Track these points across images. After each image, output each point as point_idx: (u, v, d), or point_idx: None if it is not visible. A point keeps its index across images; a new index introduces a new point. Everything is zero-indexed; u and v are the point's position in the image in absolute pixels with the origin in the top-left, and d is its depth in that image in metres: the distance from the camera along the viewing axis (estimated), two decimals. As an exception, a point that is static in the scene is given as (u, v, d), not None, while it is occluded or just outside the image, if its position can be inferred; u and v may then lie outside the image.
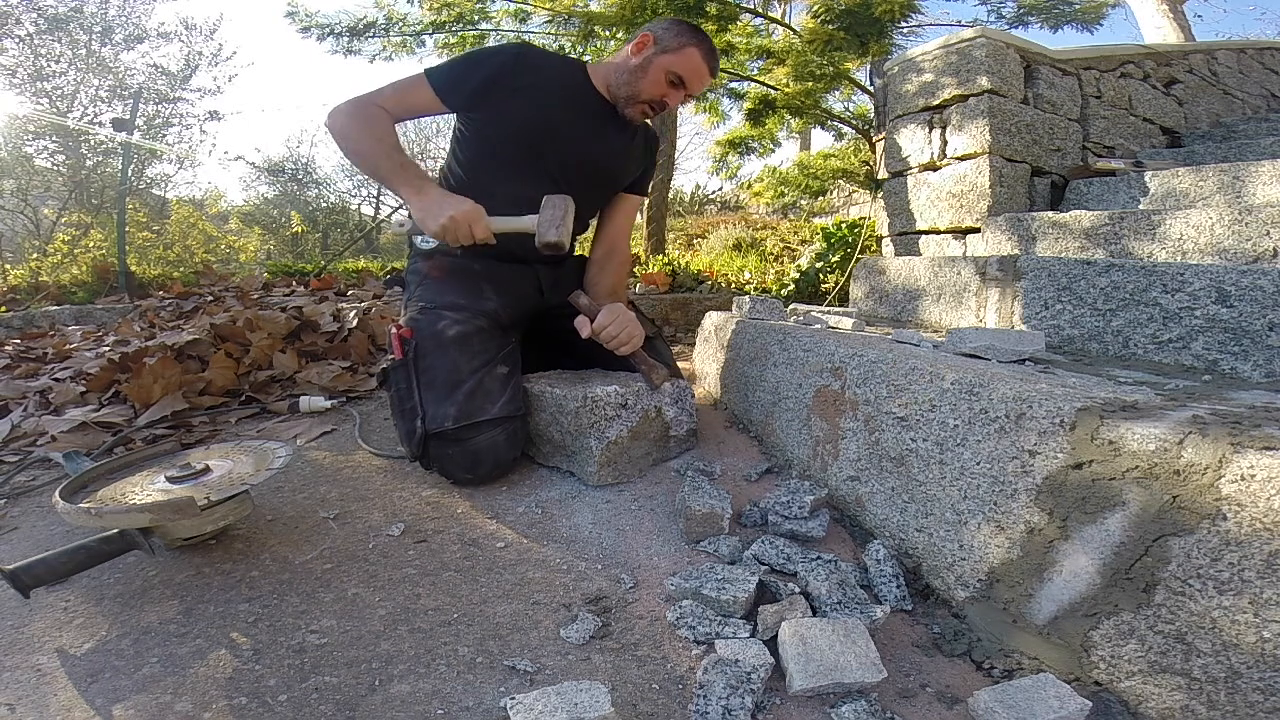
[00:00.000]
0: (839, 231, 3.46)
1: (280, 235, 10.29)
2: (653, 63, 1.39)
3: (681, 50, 1.39)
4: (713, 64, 1.43)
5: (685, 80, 1.41)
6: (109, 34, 7.69)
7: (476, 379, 1.28)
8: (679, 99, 1.45)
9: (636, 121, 1.48)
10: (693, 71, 1.40)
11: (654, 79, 1.40)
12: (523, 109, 1.38)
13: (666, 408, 1.33)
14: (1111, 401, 0.79)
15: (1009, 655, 0.80)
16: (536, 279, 1.50)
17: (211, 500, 0.95)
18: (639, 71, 1.40)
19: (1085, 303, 1.41)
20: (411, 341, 1.32)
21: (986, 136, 2.37)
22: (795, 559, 0.97)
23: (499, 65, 1.38)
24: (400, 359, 1.32)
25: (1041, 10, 3.45)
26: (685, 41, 1.39)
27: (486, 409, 1.25)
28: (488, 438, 1.24)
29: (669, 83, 1.41)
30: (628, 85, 1.41)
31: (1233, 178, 2.03)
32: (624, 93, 1.42)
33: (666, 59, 1.39)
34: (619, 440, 1.25)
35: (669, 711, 0.73)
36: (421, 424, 1.25)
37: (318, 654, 0.81)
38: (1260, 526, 0.60)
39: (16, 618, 0.90)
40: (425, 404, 1.26)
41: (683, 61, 1.39)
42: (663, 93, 1.41)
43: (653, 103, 1.43)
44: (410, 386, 1.29)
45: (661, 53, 1.39)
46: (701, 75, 1.42)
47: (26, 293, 4.11)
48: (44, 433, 1.58)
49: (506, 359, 1.34)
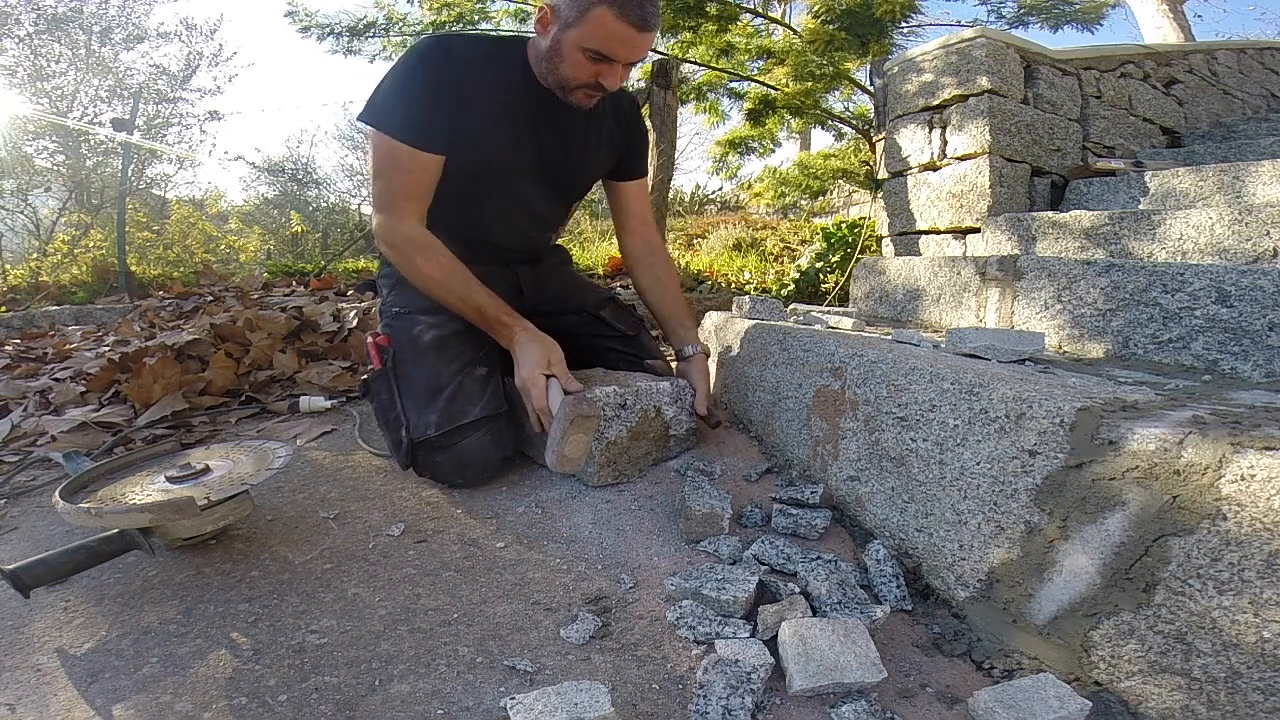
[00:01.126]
0: (839, 231, 3.46)
1: (280, 235, 10.28)
2: (561, 41, 1.14)
3: (584, 16, 1.09)
4: (635, 15, 1.09)
5: (606, 52, 1.12)
6: (109, 34, 7.68)
7: (456, 383, 1.25)
8: (617, 74, 1.17)
9: (585, 107, 1.25)
10: (610, 38, 1.10)
11: (572, 61, 1.15)
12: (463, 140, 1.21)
13: (666, 407, 1.32)
14: (1111, 401, 0.79)
15: (1009, 655, 0.80)
16: (515, 279, 1.47)
17: (211, 500, 0.95)
18: (554, 55, 1.17)
19: (1085, 302, 1.41)
20: (389, 350, 1.31)
21: (986, 136, 2.37)
22: (795, 559, 0.97)
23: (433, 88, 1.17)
24: (380, 369, 1.30)
25: (1041, 10, 3.45)
26: (588, 3, 1.09)
27: (468, 411, 1.23)
28: (473, 441, 1.23)
29: (591, 60, 1.14)
30: (551, 73, 1.20)
31: (1233, 178, 2.03)
32: (551, 81, 1.21)
33: (573, 34, 1.12)
34: (618, 440, 1.25)
35: (669, 711, 0.73)
36: (406, 433, 1.24)
37: (318, 654, 0.81)
38: (1260, 526, 0.60)
39: (16, 618, 0.90)
40: (408, 413, 1.25)
41: (593, 31, 1.10)
42: (588, 73, 1.16)
43: (586, 87, 1.19)
44: (392, 396, 1.28)
45: (566, 27, 1.13)
46: (625, 39, 1.11)
47: (26, 293, 4.11)
48: (44, 433, 1.58)
49: (485, 359, 1.32)
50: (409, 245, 1.23)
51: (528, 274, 1.49)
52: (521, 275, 1.48)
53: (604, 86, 1.19)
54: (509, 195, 1.36)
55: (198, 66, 8.42)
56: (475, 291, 1.22)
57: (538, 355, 1.16)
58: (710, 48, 4.05)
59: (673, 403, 1.34)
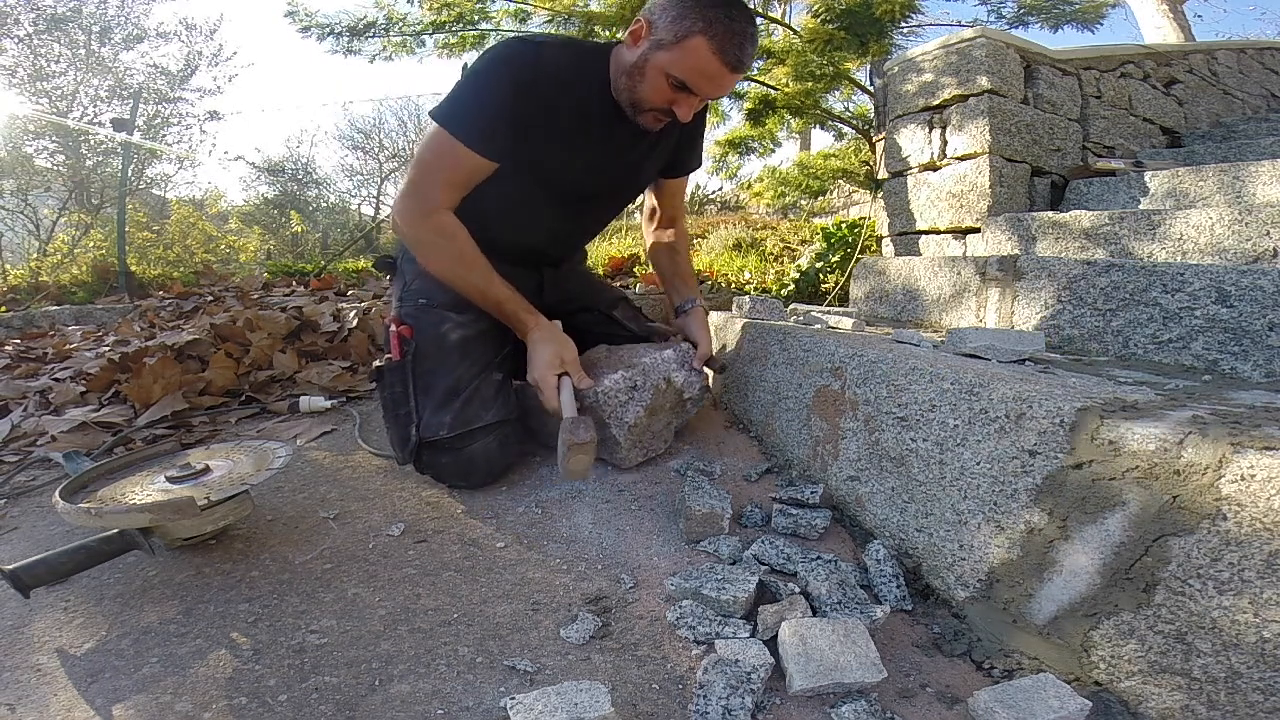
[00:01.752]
0: (839, 231, 3.46)
1: (280, 235, 10.28)
2: (649, 61, 1.09)
3: (680, 43, 1.05)
4: (732, 55, 1.05)
5: (690, 84, 1.08)
6: (108, 34, 7.69)
7: (473, 387, 1.25)
8: (693, 106, 1.13)
9: (652, 129, 1.21)
10: (699, 71, 1.06)
11: (653, 84, 1.10)
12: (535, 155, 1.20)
13: (674, 374, 1.32)
14: (1111, 401, 0.79)
15: (1009, 655, 0.80)
16: (539, 278, 1.48)
17: (211, 500, 0.95)
18: (636, 73, 1.12)
19: (1085, 303, 1.41)
20: (411, 342, 1.27)
21: (986, 136, 2.37)
22: (795, 559, 0.97)
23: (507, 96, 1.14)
24: (398, 360, 1.27)
25: (1041, 10, 3.44)
26: (688, 29, 1.04)
27: (481, 416, 1.23)
28: (481, 445, 1.23)
29: (672, 87, 1.10)
30: (628, 90, 1.15)
31: (1233, 178, 2.03)
32: (625, 99, 1.17)
33: (663, 57, 1.07)
34: (638, 423, 1.26)
35: (669, 711, 0.73)
36: (416, 431, 1.22)
37: (318, 654, 0.81)
38: (1260, 526, 0.60)
39: (16, 618, 0.90)
40: (421, 410, 1.24)
41: (684, 59, 1.06)
42: (668, 100, 1.11)
43: (657, 111, 1.15)
44: (406, 391, 1.26)
45: (657, 48, 1.07)
46: (714, 75, 1.07)
47: (26, 293, 4.11)
48: (44, 433, 1.58)
49: (502, 364, 1.32)
50: (435, 230, 1.19)
51: (551, 274, 1.50)
52: (545, 275, 1.49)
53: (676, 115, 1.15)
54: (570, 209, 1.36)
55: (197, 66, 8.43)
56: (495, 285, 1.22)
57: (550, 354, 1.17)
58: (710, 48, 4.04)
59: (680, 368, 1.33)
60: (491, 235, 1.27)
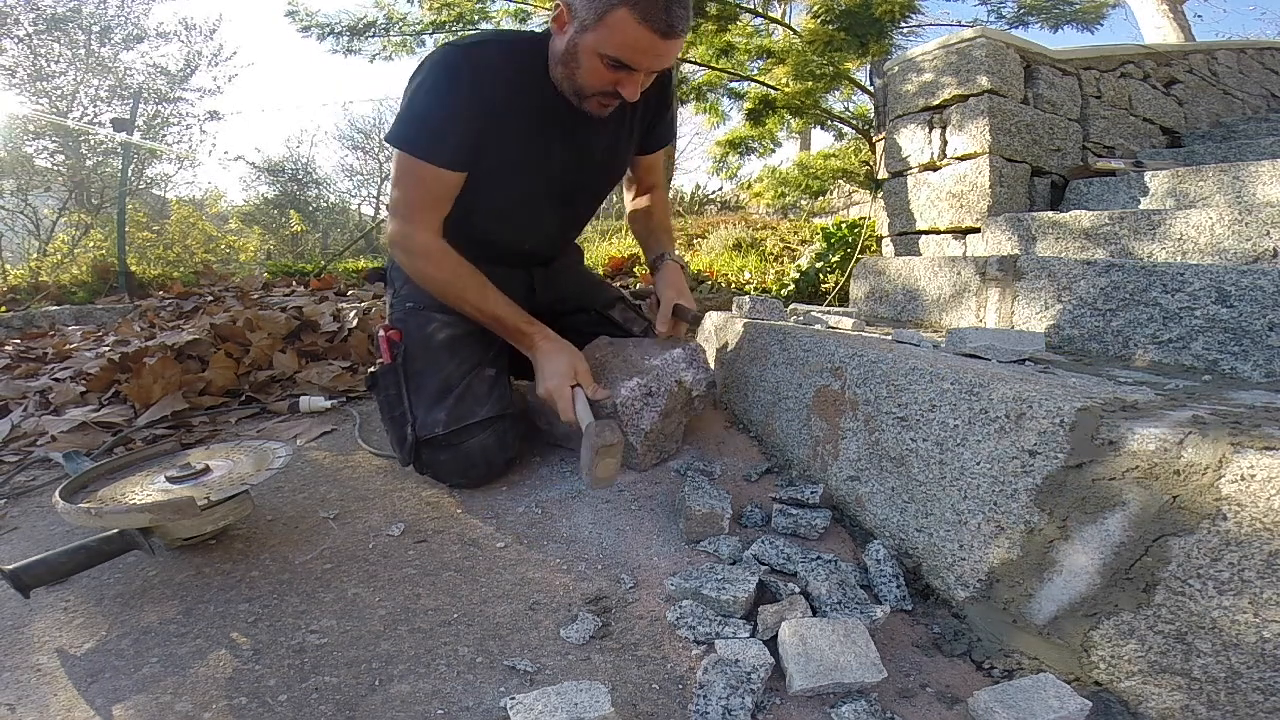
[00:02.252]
0: (839, 231, 3.46)
1: (280, 235, 10.29)
2: (578, 46, 1.06)
3: (603, 20, 1.00)
4: (659, 20, 0.99)
5: (624, 60, 1.03)
6: (108, 34, 7.69)
7: (465, 384, 1.26)
8: (637, 83, 1.08)
9: (599, 115, 1.18)
10: (629, 45, 1.01)
11: (589, 67, 1.06)
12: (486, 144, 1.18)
13: (684, 374, 1.31)
14: (1111, 401, 0.79)
15: (1009, 655, 0.80)
16: (529, 279, 1.48)
17: (211, 500, 0.95)
18: (570, 60, 1.09)
19: (1085, 303, 1.41)
20: (400, 345, 1.30)
21: (986, 136, 2.37)
22: (795, 559, 0.97)
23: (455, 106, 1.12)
24: (389, 363, 1.30)
25: (1041, 10, 3.45)
26: (607, 4, 0.99)
27: (476, 411, 1.23)
28: (478, 441, 1.23)
29: (609, 67, 1.05)
30: (566, 79, 1.12)
31: (1233, 178, 2.03)
32: (567, 88, 1.14)
33: (590, 38, 1.03)
34: (654, 428, 1.27)
35: (669, 711, 0.73)
36: (412, 430, 1.23)
37: (318, 654, 0.81)
38: (1260, 526, 0.60)
39: (16, 618, 0.90)
40: (415, 410, 1.25)
41: (610, 36, 1.01)
42: (608, 80, 1.07)
43: (602, 94, 1.11)
44: (400, 393, 1.27)
45: (582, 30, 1.03)
46: (646, 46, 1.01)
47: (26, 293, 4.11)
48: (44, 433, 1.58)
49: (494, 360, 1.33)
50: (424, 254, 1.21)
51: (541, 274, 1.50)
52: (535, 275, 1.49)
53: (622, 96, 1.10)
54: (538, 204, 1.35)
55: (197, 66, 8.44)
56: (492, 300, 1.22)
57: (564, 367, 1.17)
58: (710, 47, 4.04)
59: (689, 366, 1.33)
60: (479, 239, 1.28)
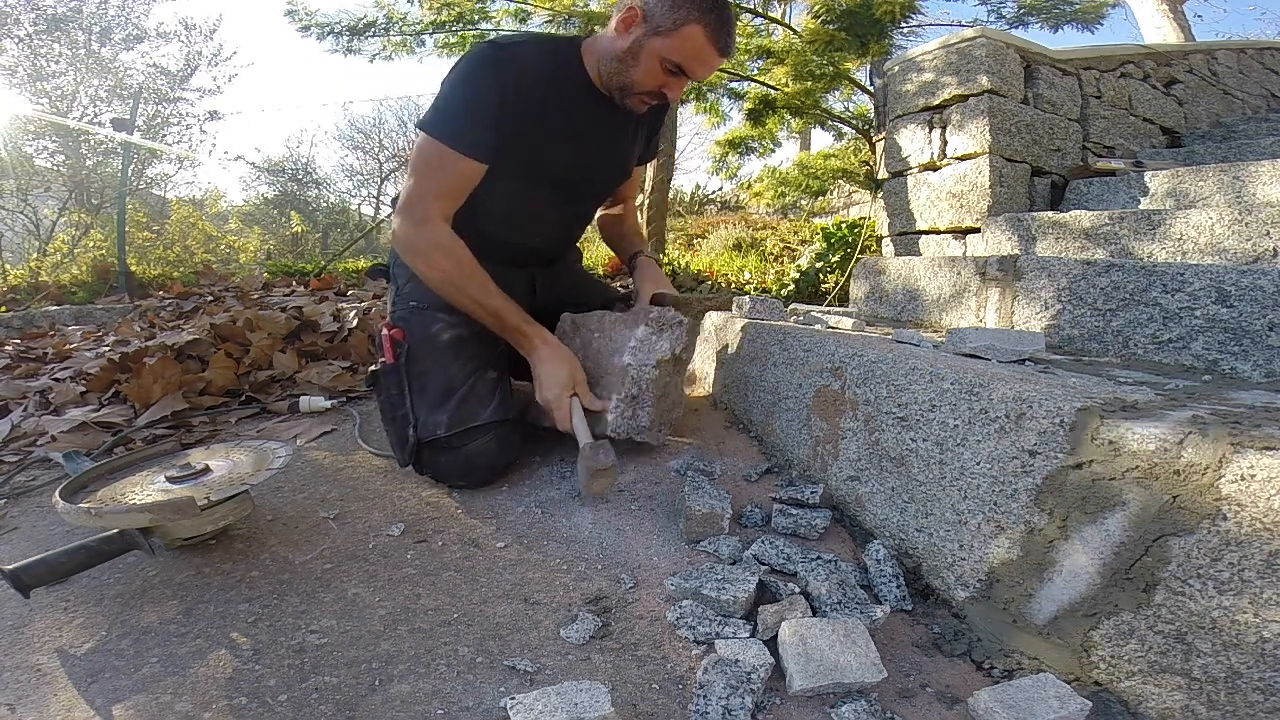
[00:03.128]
0: (839, 231, 3.46)
1: (280, 235, 10.29)
2: (644, 47, 1.16)
3: (678, 30, 1.13)
4: (723, 41, 1.16)
5: (685, 68, 1.17)
6: (108, 34, 7.69)
7: (468, 385, 1.25)
8: (682, 88, 1.23)
9: (639, 111, 1.28)
10: (694, 56, 1.15)
11: (647, 68, 1.17)
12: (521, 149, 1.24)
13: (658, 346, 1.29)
14: (1111, 401, 0.79)
15: (1009, 655, 0.80)
16: (530, 279, 1.49)
17: (211, 500, 0.95)
18: (629, 58, 1.18)
19: (1085, 303, 1.41)
20: (404, 344, 1.29)
21: (986, 136, 2.37)
22: (795, 559, 0.97)
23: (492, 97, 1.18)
24: (392, 363, 1.29)
25: (1041, 10, 3.45)
26: (683, 17, 1.12)
27: (478, 414, 1.23)
28: (480, 444, 1.23)
29: (666, 71, 1.17)
30: (618, 74, 1.21)
31: (1233, 178, 2.03)
32: (615, 83, 1.22)
33: (659, 43, 1.14)
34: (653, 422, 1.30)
35: (669, 711, 0.73)
36: (413, 431, 1.23)
37: (318, 654, 0.81)
38: (1260, 526, 0.60)
39: (16, 618, 0.90)
40: (417, 411, 1.24)
41: (681, 45, 1.14)
42: (660, 83, 1.19)
43: (647, 94, 1.22)
44: (402, 393, 1.27)
45: (653, 34, 1.14)
46: (707, 59, 1.17)
47: (26, 293, 4.11)
48: (44, 433, 1.58)
49: (497, 363, 1.32)
50: (430, 245, 1.21)
51: (542, 274, 1.51)
52: (536, 275, 1.50)
53: (666, 98, 1.23)
54: (568, 203, 1.39)
55: (197, 66, 8.44)
56: (492, 296, 1.23)
57: (564, 376, 1.20)
58: (710, 47, 4.04)
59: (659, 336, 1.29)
60: (489, 237, 1.29)
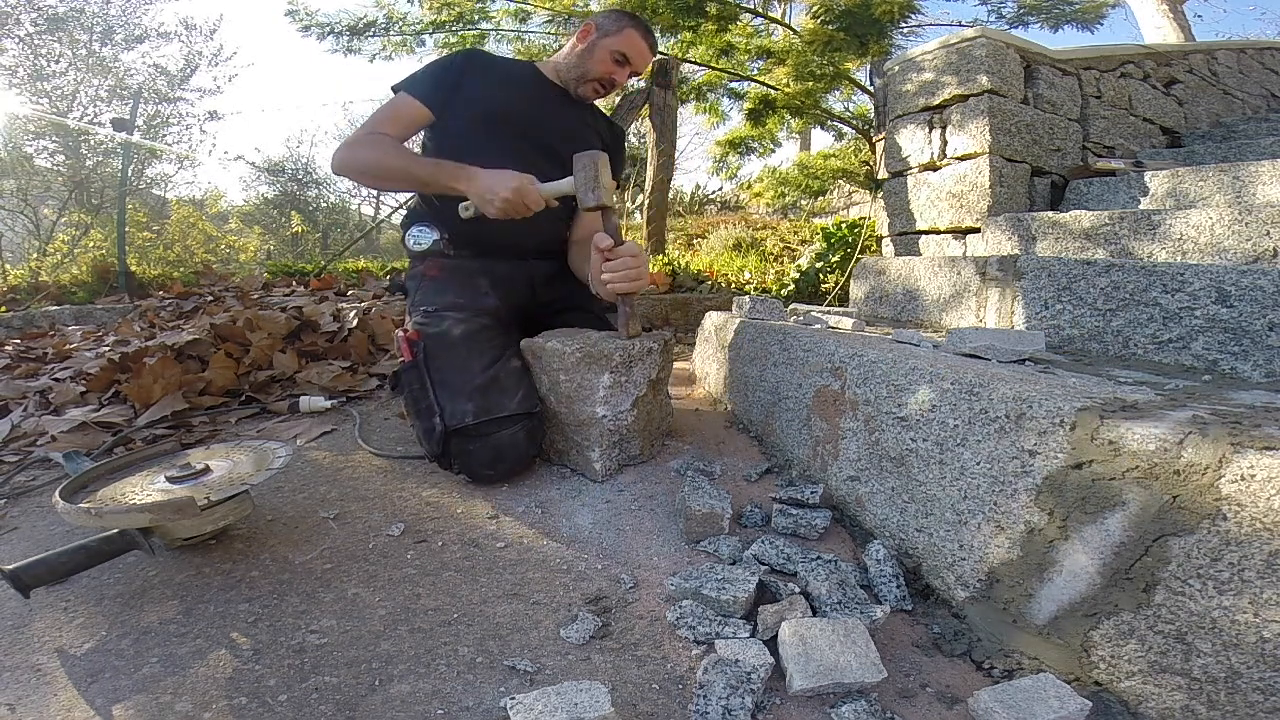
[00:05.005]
0: (839, 231, 3.46)
1: (280, 235, 10.29)
2: (597, 45, 1.55)
3: (621, 32, 1.55)
4: (651, 42, 1.60)
5: (629, 58, 1.56)
6: (109, 34, 7.69)
7: (490, 374, 1.29)
8: (625, 76, 1.61)
9: (589, 100, 1.62)
10: (634, 49, 1.57)
11: (600, 59, 1.56)
12: (478, 97, 1.49)
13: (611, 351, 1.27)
14: (1111, 401, 0.79)
15: (1009, 655, 0.80)
16: (530, 276, 1.55)
17: (211, 500, 0.95)
18: (586, 55, 1.56)
19: (1085, 303, 1.41)
20: (420, 344, 1.34)
21: (986, 136, 2.37)
22: (795, 559, 0.97)
23: (457, 67, 1.51)
24: (411, 361, 1.34)
25: (1041, 10, 3.45)
26: (624, 24, 1.56)
27: (505, 404, 1.26)
28: (509, 434, 1.25)
29: (614, 61, 1.56)
30: (576, 68, 1.57)
31: (1233, 178, 2.03)
32: (573, 75, 1.57)
33: (609, 40, 1.55)
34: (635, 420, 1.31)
35: (669, 711, 0.73)
36: (441, 420, 1.25)
37: (318, 654, 0.81)
38: (1260, 526, 0.60)
39: (16, 618, 0.90)
40: (441, 401, 1.27)
41: (624, 41, 1.55)
42: (609, 70, 1.56)
43: (601, 80, 1.57)
44: (424, 386, 1.30)
45: (604, 36, 1.56)
46: (643, 53, 1.59)
47: (26, 293, 4.11)
48: (44, 433, 1.58)
49: (519, 354, 1.37)
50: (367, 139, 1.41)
51: (542, 274, 1.57)
52: (535, 272, 1.56)
53: (614, 82, 1.59)
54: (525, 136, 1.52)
55: (197, 66, 8.43)
56: (421, 163, 1.39)
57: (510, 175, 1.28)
58: (710, 47, 4.05)
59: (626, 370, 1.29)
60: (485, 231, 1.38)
